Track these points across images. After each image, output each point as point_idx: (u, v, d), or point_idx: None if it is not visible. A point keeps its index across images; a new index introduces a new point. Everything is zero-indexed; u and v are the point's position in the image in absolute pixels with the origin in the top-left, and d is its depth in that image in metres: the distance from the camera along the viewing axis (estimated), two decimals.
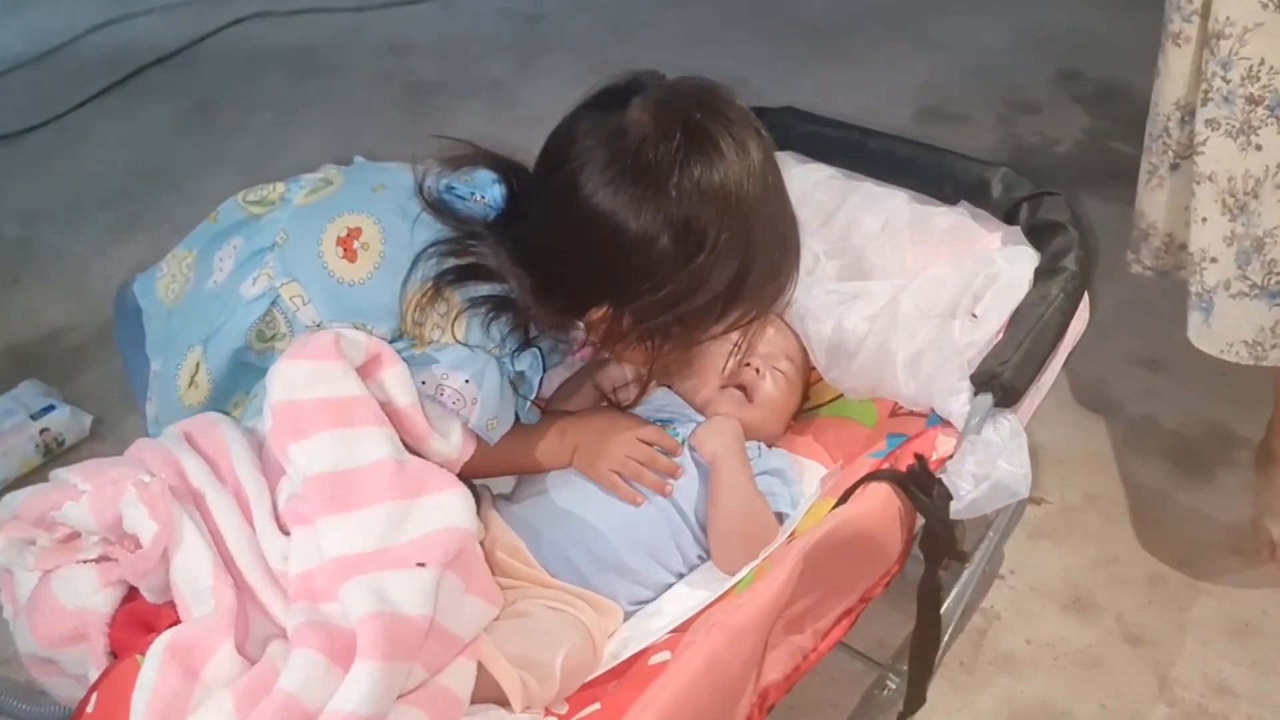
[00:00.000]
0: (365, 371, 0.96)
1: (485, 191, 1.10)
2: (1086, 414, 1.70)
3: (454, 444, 1.02)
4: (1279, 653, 1.36)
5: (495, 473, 1.15)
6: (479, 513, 1.07)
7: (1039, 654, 1.37)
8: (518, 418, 1.10)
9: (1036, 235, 1.21)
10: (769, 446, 1.21)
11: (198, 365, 1.08)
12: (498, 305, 1.02)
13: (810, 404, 1.31)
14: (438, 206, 1.04)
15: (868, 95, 2.53)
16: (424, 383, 1.00)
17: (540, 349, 1.07)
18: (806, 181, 1.36)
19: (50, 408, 1.68)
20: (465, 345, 1.01)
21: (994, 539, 1.28)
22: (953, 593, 1.26)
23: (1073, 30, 2.78)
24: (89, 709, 0.85)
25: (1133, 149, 2.42)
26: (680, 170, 0.95)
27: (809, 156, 1.40)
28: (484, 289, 1.02)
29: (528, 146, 2.59)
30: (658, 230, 0.96)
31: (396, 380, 0.97)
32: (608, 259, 0.98)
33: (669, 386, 1.23)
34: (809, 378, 1.29)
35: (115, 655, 0.90)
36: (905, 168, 1.33)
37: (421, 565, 0.83)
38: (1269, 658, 1.36)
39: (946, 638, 1.25)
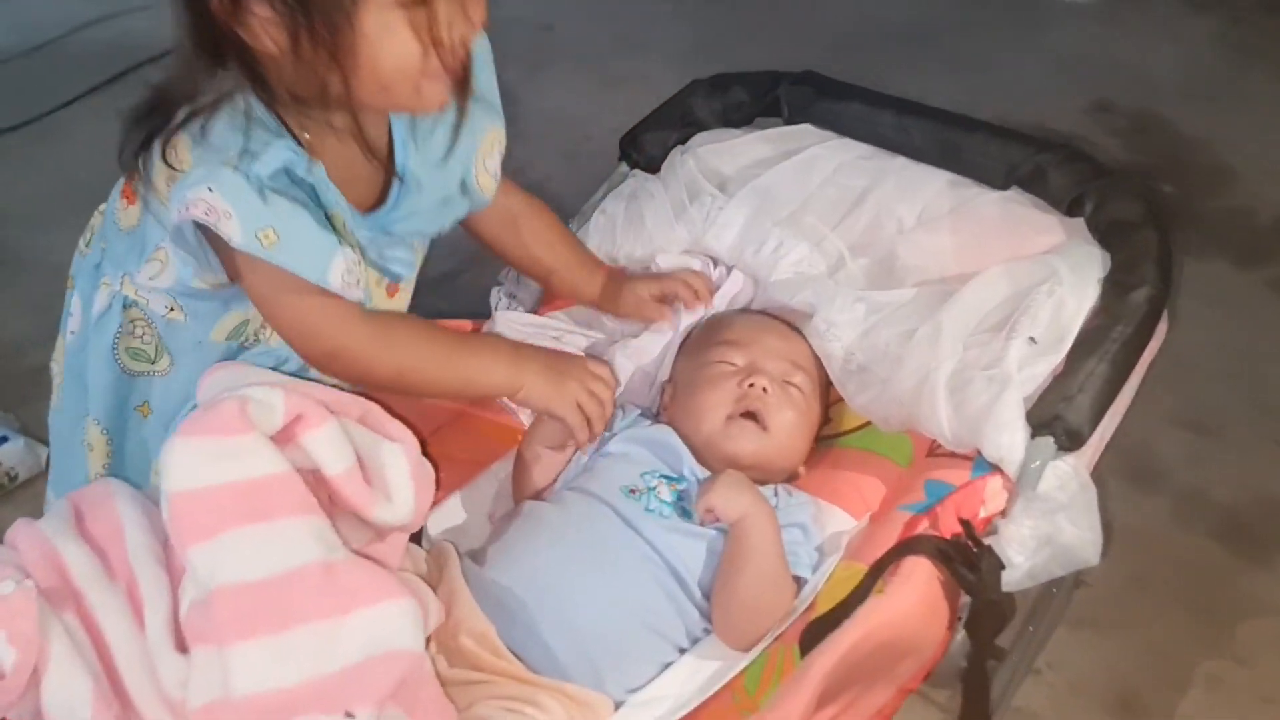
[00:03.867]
0: (285, 435, 0.80)
1: None
2: (1128, 482, 1.53)
3: (403, 507, 0.86)
4: None
5: (435, 390, 1.02)
6: (444, 578, 0.94)
7: None
8: (392, 275, 0.99)
9: (1105, 233, 1.04)
10: (789, 486, 1.05)
11: (89, 435, 1.00)
12: (200, 110, 0.87)
13: (832, 430, 1.14)
14: None
15: None
16: (177, 227, 0.87)
17: (292, 137, 0.89)
18: (830, 162, 1.20)
19: (4, 439, 1.58)
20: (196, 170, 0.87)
21: (1037, 632, 1.15)
22: None
23: (1104, 59, 2.59)
24: None
25: (1171, 187, 2.31)
26: None
27: (834, 131, 1.24)
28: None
29: (532, 162, 2.49)
30: None
31: (325, 442, 0.81)
32: None
33: (669, 424, 1.07)
34: (828, 393, 1.12)
35: None
36: (947, 147, 1.17)
37: (350, 716, 0.68)
38: None
39: None
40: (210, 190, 0.84)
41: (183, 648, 0.76)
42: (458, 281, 1.99)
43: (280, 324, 0.95)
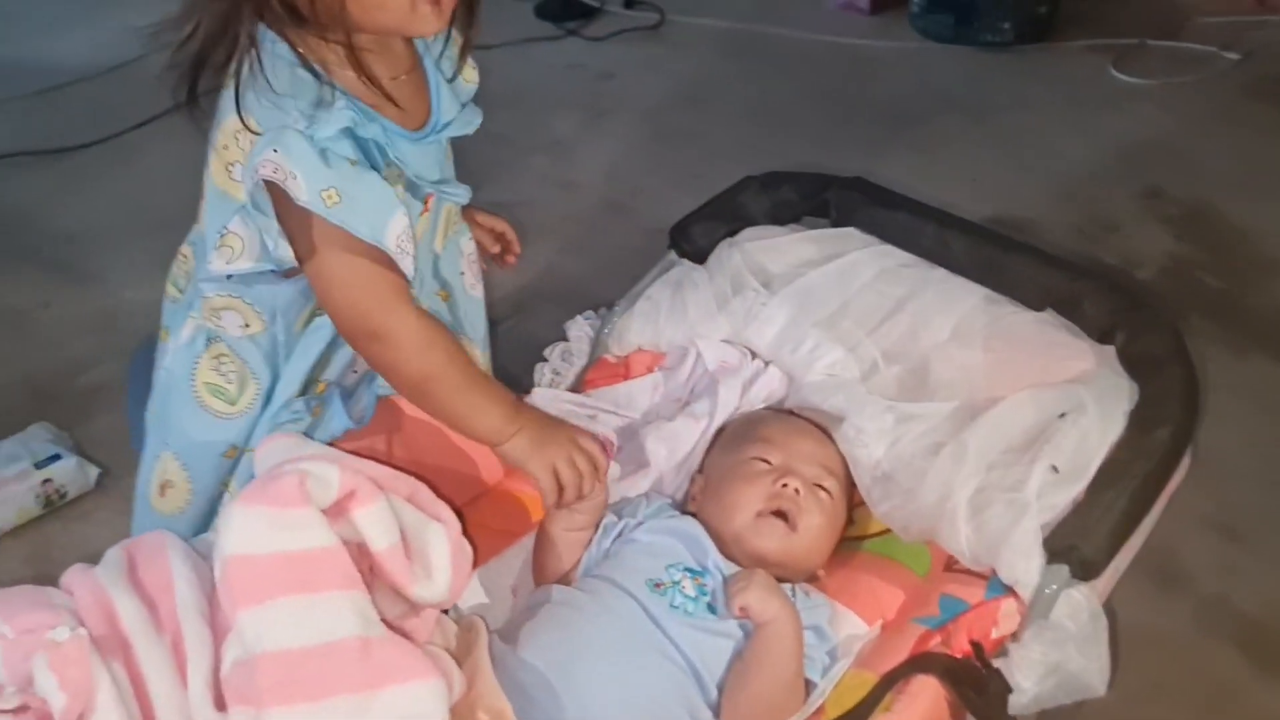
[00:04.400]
0: (337, 510, 0.84)
1: None
2: (1153, 584, 1.49)
3: (440, 585, 0.90)
4: None
5: (440, 409, 1.03)
6: (471, 653, 0.96)
7: None
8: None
9: (1135, 366, 1.06)
10: (807, 586, 1.07)
11: (166, 469, 1.03)
12: (230, 60, 0.90)
13: (854, 532, 1.15)
14: None
15: (938, 194, 2.37)
16: (252, 193, 0.91)
17: (347, 101, 0.91)
18: (871, 268, 1.23)
19: (56, 457, 1.60)
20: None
21: None
22: None
23: (1158, 144, 2.56)
24: None
25: (1218, 280, 2.28)
26: None
27: (878, 236, 1.27)
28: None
29: (578, 214, 2.52)
30: None
31: (373, 519, 0.85)
32: None
33: (695, 515, 1.10)
34: (852, 498, 1.14)
35: None
36: (986, 264, 1.19)
37: None
38: None
39: None
40: (275, 152, 0.88)
41: (221, 705, 0.80)
42: (500, 329, 2.02)
43: (332, 298, 0.97)
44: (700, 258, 1.32)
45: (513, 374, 1.43)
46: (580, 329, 1.32)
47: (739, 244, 1.30)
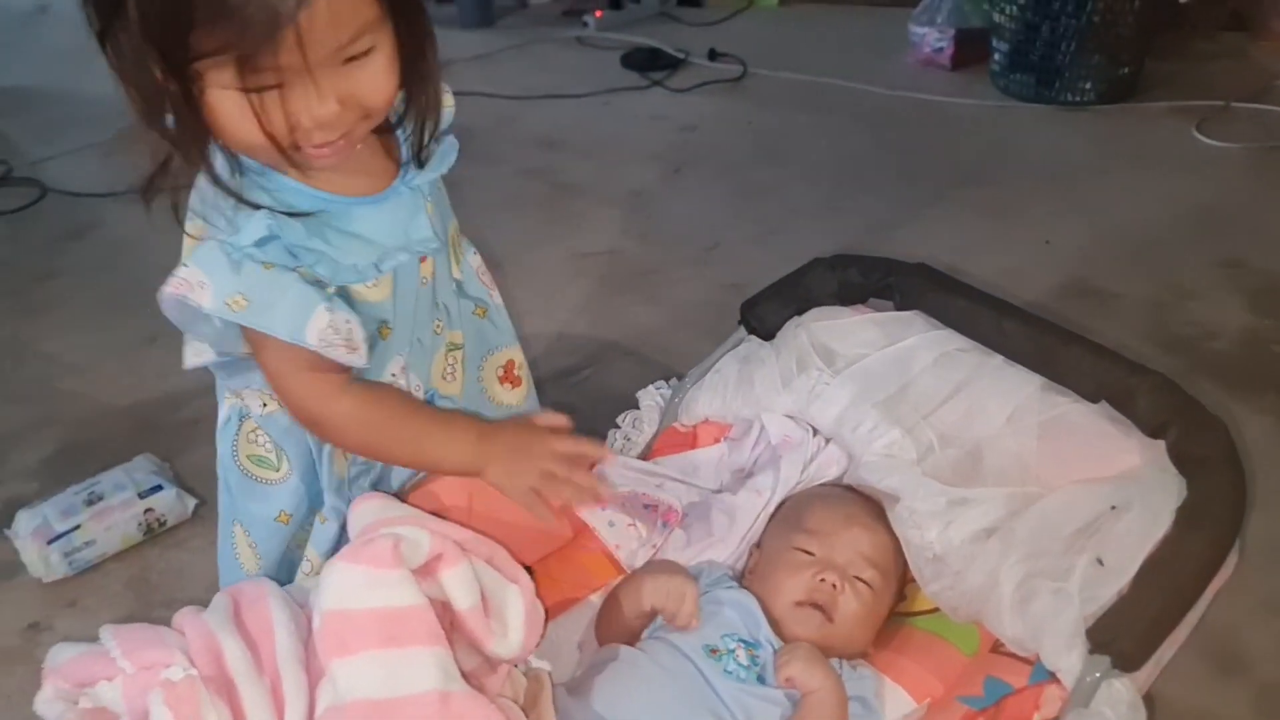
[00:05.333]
0: (425, 570, 0.92)
1: None
2: (1211, 666, 1.48)
3: (514, 642, 0.98)
4: None
5: (403, 465, 1.08)
6: (537, 705, 1.03)
7: None
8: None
9: (1184, 463, 1.09)
10: (855, 659, 1.12)
11: (238, 537, 1.12)
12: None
13: (904, 608, 1.20)
14: None
15: (1012, 256, 2.40)
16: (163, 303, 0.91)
17: (262, 204, 0.90)
18: (931, 352, 1.28)
19: (158, 487, 1.72)
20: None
21: None
22: None
23: (1242, 213, 2.52)
24: None
25: None
26: None
27: (940, 321, 1.31)
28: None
29: (655, 267, 2.58)
30: None
31: (458, 581, 0.93)
32: None
33: (750, 588, 1.16)
34: (904, 579, 1.18)
35: None
36: (1043, 354, 1.22)
37: None
38: None
39: None
40: (185, 266, 0.90)
41: None
42: (577, 377, 2.09)
43: (277, 390, 1.01)
44: (768, 335, 1.38)
45: (587, 426, 1.49)
46: (651, 398, 1.39)
47: (805, 324, 1.36)
